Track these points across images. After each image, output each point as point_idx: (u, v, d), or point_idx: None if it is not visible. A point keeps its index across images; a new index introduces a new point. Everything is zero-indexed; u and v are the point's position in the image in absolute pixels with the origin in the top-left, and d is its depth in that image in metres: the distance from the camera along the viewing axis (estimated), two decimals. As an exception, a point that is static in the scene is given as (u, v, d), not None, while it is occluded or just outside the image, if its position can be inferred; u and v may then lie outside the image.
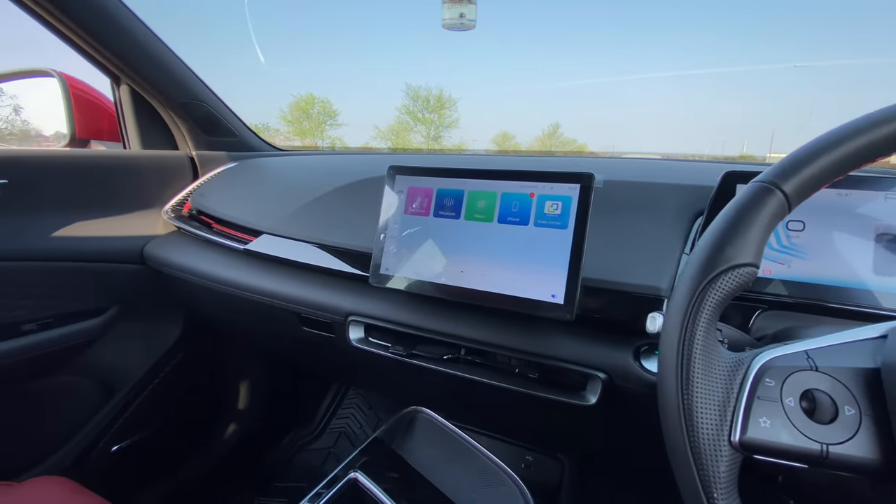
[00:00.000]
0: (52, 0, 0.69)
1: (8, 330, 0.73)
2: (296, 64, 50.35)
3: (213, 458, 1.10)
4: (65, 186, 0.80)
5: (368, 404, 1.28)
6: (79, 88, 0.90)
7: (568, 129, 28.03)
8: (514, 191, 0.51)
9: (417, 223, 0.56)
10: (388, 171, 0.59)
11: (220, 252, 0.79)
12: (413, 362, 0.58)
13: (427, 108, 23.69)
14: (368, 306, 0.61)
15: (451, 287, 0.52)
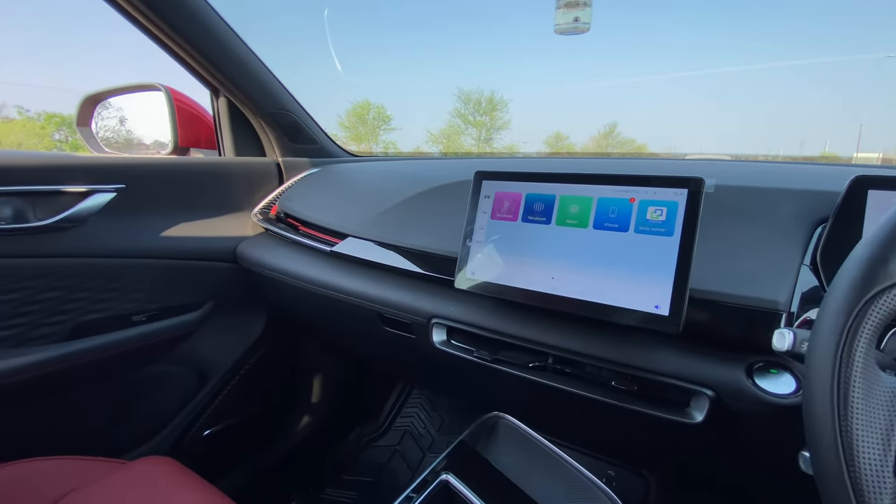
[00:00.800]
0: (164, 20, 0.76)
1: (122, 321, 0.81)
2: (364, 73, 52.21)
3: (289, 447, 1.16)
4: (169, 191, 0.88)
5: (432, 405, 1.30)
6: (181, 101, 0.99)
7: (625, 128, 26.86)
8: (611, 195, 0.49)
9: (505, 228, 0.56)
10: (474, 177, 0.59)
11: (306, 253, 0.83)
12: (498, 368, 0.58)
13: (478, 110, 23.73)
14: (452, 309, 0.62)
15: (542, 294, 0.51)
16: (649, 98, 54.85)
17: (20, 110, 22.74)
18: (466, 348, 0.60)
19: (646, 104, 52.96)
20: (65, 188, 0.73)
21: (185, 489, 0.63)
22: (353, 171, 1.03)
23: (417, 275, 0.67)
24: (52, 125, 21.91)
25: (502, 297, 0.54)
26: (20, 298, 0.71)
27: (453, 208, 0.70)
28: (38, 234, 0.72)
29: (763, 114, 52.85)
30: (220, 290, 0.94)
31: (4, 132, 20.78)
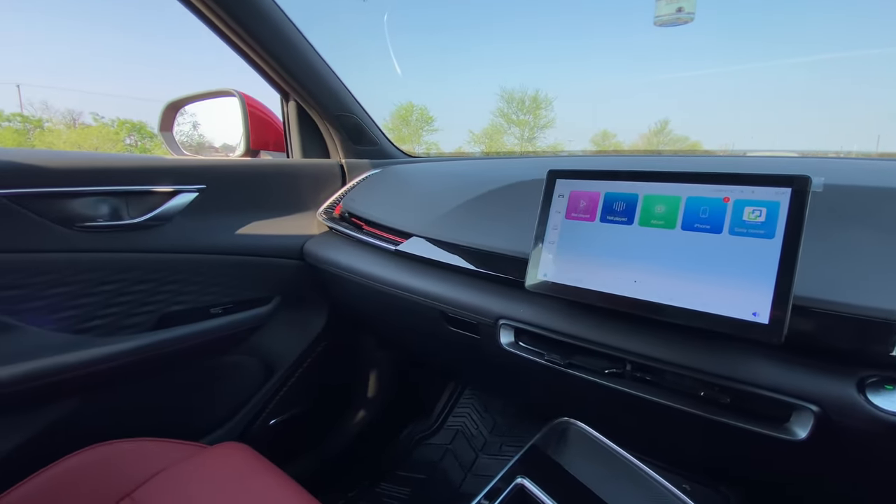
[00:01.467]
0: (242, 25, 0.80)
1: (202, 313, 0.87)
2: (418, 76, 52.92)
3: (345, 440, 1.20)
4: (243, 191, 0.92)
5: (484, 406, 1.29)
6: (253, 106, 1.04)
7: (677, 125, 25.55)
8: (702, 195, 0.47)
9: (581, 229, 0.54)
10: (547, 175, 0.58)
11: (370, 251, 0.85)
12: (570, 372, 0.56)
13: (521, 109, 23.44)
14: (521, 311, 0.61)
15: (622, 298, 0.49)
16: (702, 94, 51.87)
17: (95, 117, 24.86)
18: (537, 351, 0.59)
19: (698, 100, 50.10)
20: (154, 188, 0.79)
21: (261, 474, 0.66)
22: (413, 172, 1.04)
23: (484, 275, 0.67)
24: (124, 130, 23.83)
25: (578, 299, 0.52)
26: (114, 290, 0.78)
27: (520, 208, 0.69)
28: (130, 230, 0.78)
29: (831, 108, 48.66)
30: (287, 286, 0.98)
31: (83, 137, 22.82)
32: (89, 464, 0.64)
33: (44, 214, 0.69)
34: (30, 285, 0.69)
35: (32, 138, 21.78)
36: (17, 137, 21.26)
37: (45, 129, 22.67)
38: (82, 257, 0.73)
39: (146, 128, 24.31)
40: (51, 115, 23.69)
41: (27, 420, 0.71)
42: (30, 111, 22.78)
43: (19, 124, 21.67)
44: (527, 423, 1.22)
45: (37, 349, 0.69)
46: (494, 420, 1.25)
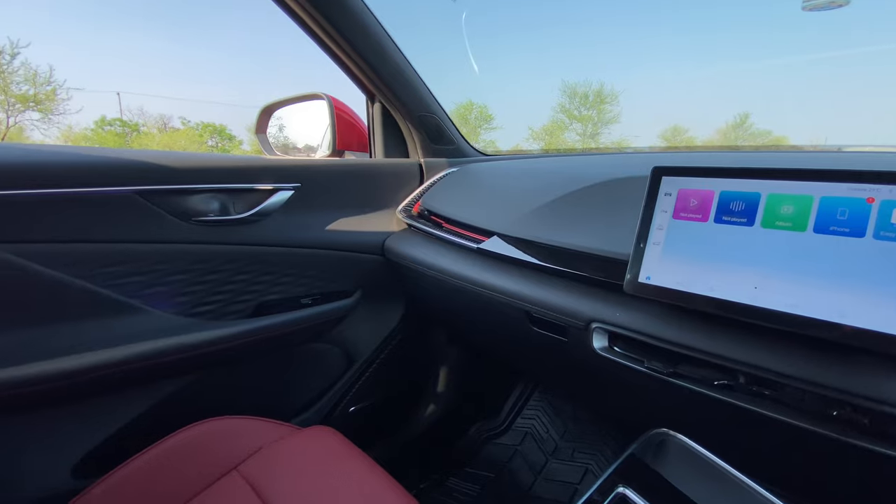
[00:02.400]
0: (335, 27, 0.84)
1: (293, 303, 0.92)
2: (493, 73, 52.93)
3: (415, 433, 1.22)
4: (332, 189, 0.97)
5: (555, 410, 1.27)
6: (340, 108, 1.09)
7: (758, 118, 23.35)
8: (840, 194, 0.42)
9: (691, 230, 0.51)
10: (651, 173, 0.55)
11: (451, 248, 0.86)
12: (674, 382, 0.53)
13: (584, 104, 22.64)
14: (617, 314, 0.59)
15: (740, 305, 0.46)
16: (782, 84, 46.98)
17: (183, 121, 27.35)
18: (635, 357, 0.57)
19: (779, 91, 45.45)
20: (256, 186, 0.85)
21: (351, 458, 0.69)
22: (490, 170, 1.04)
23: (574, 275, 0.65)
24: (207, 133, 26.01)
25: (688, 305, 0.49)
26: (219, 279, 0.85)
27: (613, 207, 0.67)
28: (236, 225, 0.84)
29: (954, 94, 42.06)
30: (368, 280, 1.02)
31: (173, 139, 25.20)
32: (200, 437, 0.70)
33: (165, 208, 0.77)
34: (152, 272, 0.77)
35: (130, 141, 24.41)
36: (118, 140, 23.93)
37: (141, 133, 25.31)
38: (195, 248, 0.81)
39: (225, 130, 26.39)
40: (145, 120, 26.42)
41: (144, 396, 0.80)
42: (128, 116, 25.56)
43: (119, 128, 24.37)
44: (601, 431, 1.18)
45: (157, 331, 0.77)
46: (566, 425, 1.22)
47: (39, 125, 20.44)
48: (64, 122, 21.16)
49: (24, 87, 19.89)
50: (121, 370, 0.72)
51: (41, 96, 20.18)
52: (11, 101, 19.71)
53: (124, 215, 0.73)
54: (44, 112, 20.38)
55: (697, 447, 0.54)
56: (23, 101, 19.91)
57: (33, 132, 20.38)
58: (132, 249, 0.75)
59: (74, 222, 0.70)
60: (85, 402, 0.74)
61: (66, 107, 21.11)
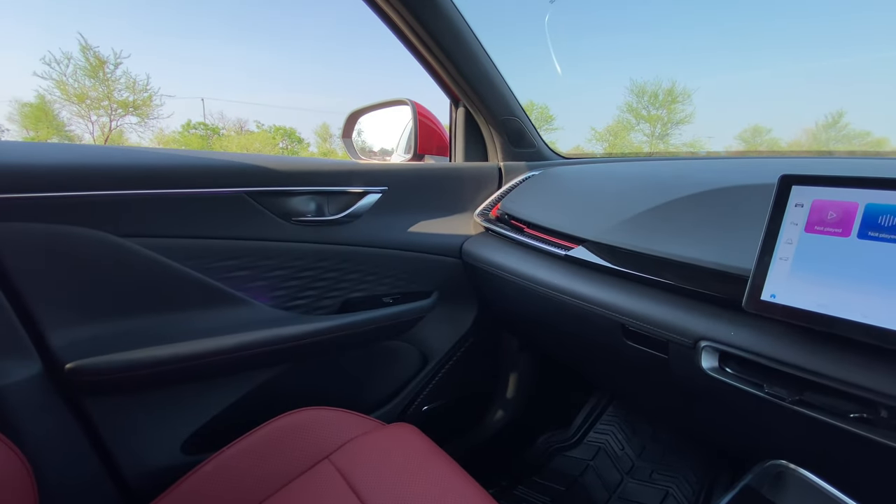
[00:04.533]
0: (428, 32, 0.86)
1: (376, 301, 0.96)
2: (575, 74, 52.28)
3: (485, 437, 1.22)
4: (414, 192, 1.00)
5: (633, 428, 1.21)
6: (422, 113, 1.11)
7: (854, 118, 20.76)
8: None
9: (829, 244, 0.46)
10: (779, 181, 0.51)
11: (534, 254, 0.85)
12: (799, 410, 0.49)
13: (654, 104, 21.52)
14: (732, 334, 0.54)
15: (891, 332, 0.41)
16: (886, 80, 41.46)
17: (258, 124, 29.37)
18: (752, 381, 0.53)
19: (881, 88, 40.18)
20: (349, 189, 0.89)
21: (433, 456, 0.70)
22: (574, 174, 1.01)
23: (679, 289, 0.62)
24: (279, 136, 27.76)
25: (820, 328, 0.45)
26: (313, 276, 0.90)
27: (727, 217, 0.62)
28: (329, 225, 0.89)
29: None
30: (445, 282, 1.03)
31: (249, 141, 27.15)
32: (297, 425, 0.74)
33: (269, 208, 0.83)
34: (257, 267, 0.83)
35: (211, 143, 26.61)
36: (201, 142, 26.18)
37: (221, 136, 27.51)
38: (294, 246, 0.86)
39: (295, 133, 28.01)
40: (225, 124, 28.69)
41: (243, 383, 0.86)
42: (210, 120, 27.88)
43: (202, 131, 26.66)
44: (683, 453, 1.11)
45: (258, 322, 0.83)
46: (644, 444, 1.16)
47: (136, 128, 22.91)
48: (156, 126, 23.55)
49: (125, 93, 22.35)
50: (226, 358, 0.78)
51: (139, 102, 22.57)
52: (114, 107, 22.22)
53: (234, 214, 0.80)
54: (141, 116, 22.79)
55: (822, 483, 0.49)
56: (123, 106, 22.39)
57: (131, 134, 22.90)
58: (240, 246, 0.81)
59: (192, 220, 0.77)
60: (193, 386, 0.81)
61: (160, 112, 23.50)
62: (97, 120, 22.14)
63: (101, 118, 22.17)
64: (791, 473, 0.51)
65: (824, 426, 0.48)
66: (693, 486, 1.03)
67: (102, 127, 22.21)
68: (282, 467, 0.68)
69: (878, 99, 37.54)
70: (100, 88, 21.85)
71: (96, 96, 21.82)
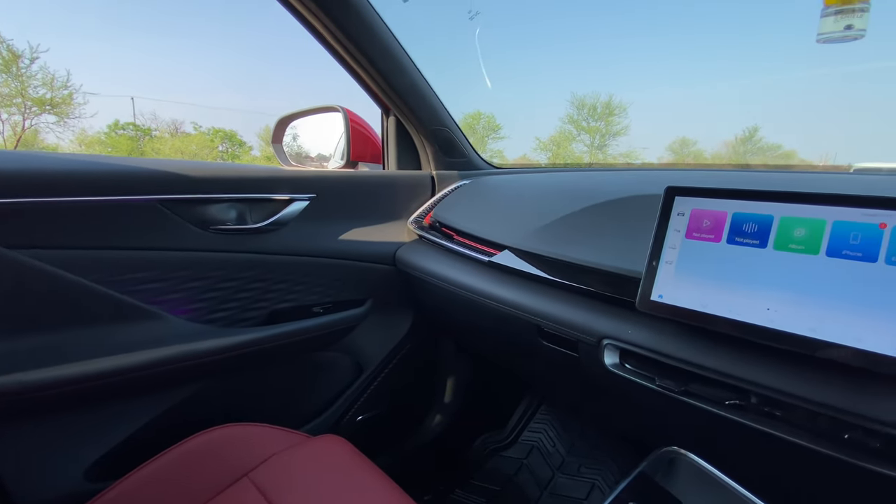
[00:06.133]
0: (354, 42, 0.86)
1: (305, 311, 0.94)
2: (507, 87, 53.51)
3: (422, 443, 1.23)
4: (346, 200, 0.99)
5: (563, 426, 1.26)
6: (354, 121, 1.11)
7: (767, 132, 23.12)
8: (853, 219, 0.43)
9: (704, 250, 0.52)
10: (665, 192, 0.56)
11: (462, 260, 0.87)
12: (685, 400, 0.54)
13: (593, 116, 22.73)
14: (629, 332, 0.59)
15: (753, 326, 0.46)
16: (794, 99, 46.92)
17: (195, 126, 27.74)
18: (646, 375, 0.57)
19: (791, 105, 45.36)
20: (273, 196, 0.87)
21: (360, 468, 0.70)
22: (502, 183, 1.05)
23: (587, 291, 0.66)
24: (218, 138, 26.36)
25: (700, 324, 0.50)
26: (235, 287, 0.86)
27: (627, 224, 0.67)
28: (253, 234, 0.86)
29: (967, 111, 41.68)
30: (379, 290, 1.03)
31: (184, 143, 25.56)
32: (210, 445, 0.71)
33: (186, 217, 0.79)
34: (171, 279, 0.79)
35: (143, 145, 24.79)
36: (130, 144, 24.31)
37: (154, 137, 25.70)
38: (213, 256, 0.82)
39: (236, 136, 26.73)
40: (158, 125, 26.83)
41: (158, 401, 0.81)
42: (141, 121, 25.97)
43: (132, 132, 24.77)
44: (608, 447, 1.18)
45: (174, 336, 0.78)
46: (573, 441, 1.22)
47: (55, 128, 20.85)
48: (78, 126, 21.58)
49: (42, 90, 20.33)
50: (137, 375, 0.74)
51: (58, 100, 20.60)
52: (28, 105, 20.14)
53: (146, 223, 0.75)
54: (60, 115, 20.79)
55: (707, 466, 0.54)
56: (39, 104, 20.34)
57: (48, 135, 20.81)
58: (153, 256, 0.77)
59: (98, 229, 0.72)
60: (101, 406, 0.75)
61: (82, 111, 21.55)
62: (8, 119, 19.98)
63: (13, 116, 20.02)
64: (682, 459, 0.56)
65: (707, 414, 0.53)
66: (616, 477, 1.10)
67: (14, 126, 20.05)
68: (194, 489, 0.64)
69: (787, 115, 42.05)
70: (12, 84, 19.73)
71: (8, 93, 19.68)
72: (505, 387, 1.34)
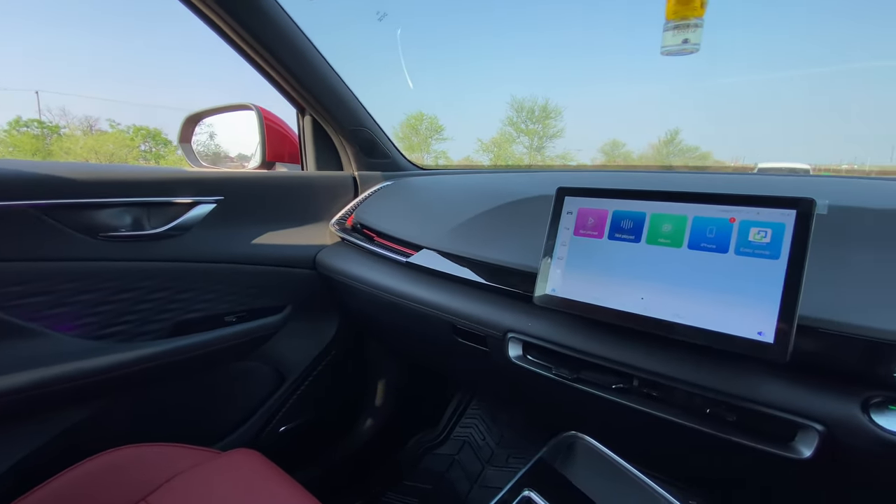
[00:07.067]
0: (260, 42, 0.83)
1: (216, 320, 0.89)
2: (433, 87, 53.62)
3: (353, 448, 1.21)
4: (259, 202, 0.95)
5: (492, 418, 1.30)
6: (270, 119, 1.07)
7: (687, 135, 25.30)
8: (709, 215, 0.48)
9: (589, 245, 0.55)
10: (556, 193, 0.59)
11: (381, 262, 0.87)
12: (576, 387, 0.57)
13: (531, 119, 23.55)
14: (529, 325, 0.62)
15: (629, 314, 0.50)
16: (715, 103, 51.69)
17: (112, 123, 25.40)
18: (544, 365, 0.60)
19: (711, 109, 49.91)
20: (174, 200, 0.82)
21: (271, 481, 0.67)
22: (423, 185, 1.06)
23: (493, 288, 0.68)
24: (140, 137, 24.31)
25: (586, 315, 0.53)
26: (133, 297, 0.80)
27: (531, 223, 0.70)
28: (151, 240, 0.80)
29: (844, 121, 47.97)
30: (300, 295, 1.00)
31: (99, 143, 23.32)
32: (105, 468, 0.65)
33: (70, 224, 0.72)
34: (55, 292, 0.72)
35: (50, 144, 22.30)
36: (35, 143, 21.80)
37: (63, 135, 23.20)
38: (105, 266, 0.76)
39: (161, 135, 24.78)
40: (68, 122, 24.24)
41: (46, 424, 0.73)
42: (48, 117, 23.34)
43: (37, 130, 22.21)
44: (533, 436, 1.22)
45: (59, 354, 0.71)
46: (502, 432, 1.25)
47: (-65, 125, 18.19)
48: (-34, 122, 18.98)
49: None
50: (19, 398, 0.66)
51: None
52: None
53: (20, 232, 0.68)
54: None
55: (600, 447, 0.58)
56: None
57: (-72, 132, 18.11)
58: (30, 268, 0.70)
59: None
60: None
61: (-30, 105, 18.97)
62: None
63: None
64: (580, 443, 0.60)
65: (599, 398, 0.56)
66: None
67: None
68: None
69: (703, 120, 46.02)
70: None
71: None
72: (437, 385, 1.35)
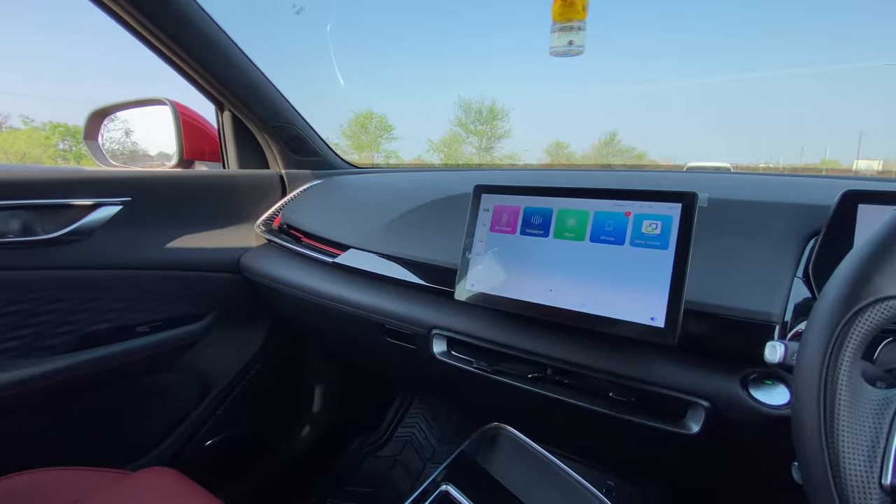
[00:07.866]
0: (168, 34, 0.77)
1: (127, 331, 0.82)
2: (369, 85, 52.77)
3: (291, 457, 1.17)
4: (175, 203, 0.89)
5: (433, 416, 1.30)
6: (187, 115, 1.00)
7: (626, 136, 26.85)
8: (607, 209, 0.51)
9: (503, 241, 0.57)
10: (473, 190, 0.60)
11: (309, 264, 0.85)
12: (497, 378, 0.58)
13: (479, 119, 23.90)
14: (452, 321, 0.63)
15: (540, 306, 0.52)
16: (651, 106, 55.26)
17: (25, 120, 22.96)
18: (466, 359, 0.61)
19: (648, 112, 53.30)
20: (72, 201, 0.75)
21: (186, 500, 0.63)
22: (354, 184, 1.04)
23: (418, 286, 0.68)
24: (57, 135, 22.11)
25: (502, 308, 0.55)
26: (27, 310, 0.73)
27: (454, 221, 0.71)
28: (44, 246, 0.73)
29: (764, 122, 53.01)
30: (224, 301, 0.95)
31: (9, 142, 20.97)
32: (0, 497, 0.59)
33: None
34: None
35: (-55, 141, 19.76)
36: (-74, 140, 19.23)
37: (-37, 133, 20.64)
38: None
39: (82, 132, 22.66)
40: (-29, 118, 21.60)
41: None
42: (-56, 112, 20.66)
43: (-70, 127, 19.62)
44: (472, 431, 1.24)
45: None
46: (443, 429, 1.26)
47: None
48: None
49: None
50: None
51: None
52: None
53: None
54: None
55: (522, 437, 0.60)
56: None
57: None
58: None
59: None
60: None
61: None
62: None
63: None
64: (502, 434, 0.61)
65: (517, 389, 0.58)
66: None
67: None
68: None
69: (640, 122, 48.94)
70: None
71: None
72: (377, 387, 1.33)
